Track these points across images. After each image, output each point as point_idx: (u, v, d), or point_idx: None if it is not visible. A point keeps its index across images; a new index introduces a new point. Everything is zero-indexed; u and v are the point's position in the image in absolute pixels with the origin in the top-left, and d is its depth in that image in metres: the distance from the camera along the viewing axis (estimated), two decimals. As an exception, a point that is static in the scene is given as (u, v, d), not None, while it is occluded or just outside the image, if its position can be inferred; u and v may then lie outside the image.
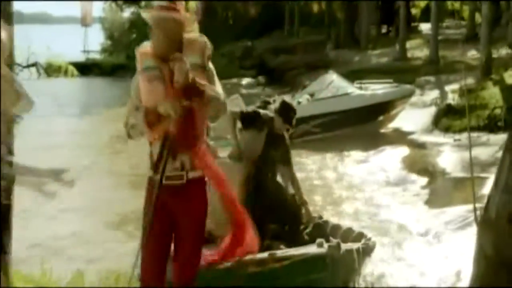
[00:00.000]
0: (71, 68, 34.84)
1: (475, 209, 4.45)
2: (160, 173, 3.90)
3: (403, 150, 14.08)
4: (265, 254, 4.75)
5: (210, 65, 4.05)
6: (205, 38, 4.05)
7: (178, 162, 3.94)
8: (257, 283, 4.62)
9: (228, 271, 4.64)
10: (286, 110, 6.43)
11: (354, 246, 5.18)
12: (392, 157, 13.55)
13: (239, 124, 6.40)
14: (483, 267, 4.00)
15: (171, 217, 4.01)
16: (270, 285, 4.62)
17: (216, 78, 4.06)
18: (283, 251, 4.98)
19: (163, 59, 3.94)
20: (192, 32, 4.11)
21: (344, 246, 4.90)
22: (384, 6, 34.77)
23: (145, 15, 3.98)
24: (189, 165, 3.96)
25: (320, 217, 6.55)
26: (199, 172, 3.98)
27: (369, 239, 5.70)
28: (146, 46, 4.05)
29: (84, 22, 43.50)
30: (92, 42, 42.63)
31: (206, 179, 4.03)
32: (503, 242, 3.86)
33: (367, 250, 5.39)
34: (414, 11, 39.23)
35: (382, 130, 16.80)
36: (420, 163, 12.62)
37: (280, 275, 4.61)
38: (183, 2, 4.02)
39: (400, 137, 15.98)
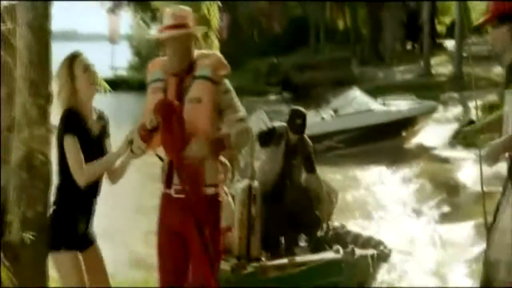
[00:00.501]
0: (103, 83, 35.31)
1: (485, 218, 4.64)
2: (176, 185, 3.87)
3: (426, 164, 14.22)
4: (285, 260, 5.00)
5: (228, 84, 3.96)
6: (219, 55, 4.03)
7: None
8: (277, 287, 4.85)
9: (251, 275, 4.90)
10: (292, 117, 6.58)
11: (369, 252, 5.38)
12: (414, 171, 13.70)
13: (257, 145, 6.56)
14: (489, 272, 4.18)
15: (183, 237, 3.93)
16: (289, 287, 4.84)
17: (236, 100, 3.96)
18: (301, 257, 5.22)
19: (174, 72, 3.92)
20: (213, 48, 4.29)
21: (359, 252, 5.10)
22: (408, 22, 34.90)
23: (156, 34, 4.02)
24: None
25: (343, 226, 6.74)
26: (212, 189, 3.91)
27: (385, 246, 5.89)
28: (158, 59, 4.08)
29: (112, 39, 44.16)
30: (120, 59, 43.21)
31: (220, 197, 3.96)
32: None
33: (382, 256, 5.57)
34: (440, 27, 39.32)
35: (405, 145, 16.94)
36: (442, 178, 12.75)
37: (298, 279, 4.87)
38: (192, 15, 4.01)
39: (423, 152, 16.12)
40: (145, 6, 46.25)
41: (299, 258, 5.22)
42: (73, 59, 4.17)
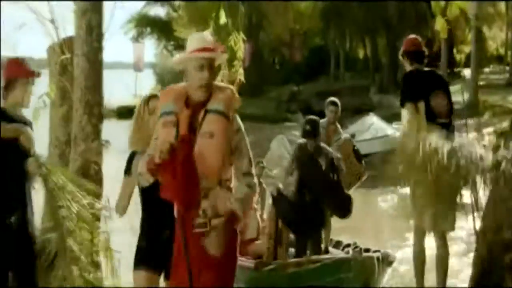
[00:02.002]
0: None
1: (474, 220, 5.36)
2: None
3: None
4: (302, 258, 5.76)
5: (239, 122, 3.81)
6: (233, 89, 3.88)
7: (201, 209, 3.70)
8: (296, 281, 5.60)
9: (273, 271, 5.71)
10: (304, 124, 7.14)
11: (375, 254, 6.06)
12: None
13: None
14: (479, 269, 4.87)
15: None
16: (305, 282, 5.58)
17: (244, 142, 3.81)
18: (316, 256, 5.97)
19: (186, 103, 3.78)
20: (237, 76, 4.71)
21: (366, 253, 5.81)
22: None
23: (182, 56, 3.85)
24: (211, 212, 3.71)
25: (355, 243, 7.30)
26: (223, 219, 3.71)
27: (389, 255, 6.53)
28: (170, 89, 3.93)
29: (137, 67, 45.00)
30: (144, 87, 44.03)
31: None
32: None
33: (386, 259, 6.20)
34: (458, 56, 39.85)
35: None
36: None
37: (313, 275, 5.59)
38: (220, 46, 4.01)
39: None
40: (168, 35, 47.45)
41: (314, 257, 5.93)
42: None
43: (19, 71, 4.67)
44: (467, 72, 34.34)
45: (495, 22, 37.66)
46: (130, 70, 47.37)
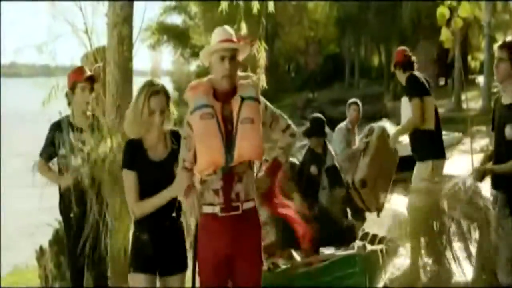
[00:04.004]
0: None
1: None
2: (221, 204, 3.89)
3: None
4: (312, 257, 6.08)
5: (263, 99, 4.00)
6: (253, 75, 4.09)
7: (233, 193, 3.89)
8: (306, 280, 5.92)
9: (285, 271, 5.99)
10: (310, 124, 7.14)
11: (379, 247, 6.39)
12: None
13: None
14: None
15: (227, 259, 3.94)
16: (315, 280, 5.89)
17: (274, 110, 4.06)
18: (325, 254, 6.29)
19: (216, 97, 3.90)
20: (260, 83, 4.95)
21: (370, 247, 6.13)
22: (440, 59, 35.73)
23: (208, 48, 3.92)
24: (244, 195, 3.91)
25: (363, 230, 7.59)
26: (252, 202, 3.97)
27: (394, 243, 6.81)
28: (198, 83, 3.99)
29: (154, 74, 45.19)
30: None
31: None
32: None
33: (390, 251, 6.51)
34: (473, 63, 39.96)
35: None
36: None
37: (322, 272, 5.89)
38: (246, 37, 4.20)
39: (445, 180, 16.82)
40: (184, 42, 47.88)
41: (322, 256, 6.23)
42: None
43: (78, 76, 5.35)
44: (481, 79, 34.54)
45: (510, 29, 37.80)
46: (147, 77, 47.68)
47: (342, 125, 8.52)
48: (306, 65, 44.35)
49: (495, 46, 4.73)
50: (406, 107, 6.54)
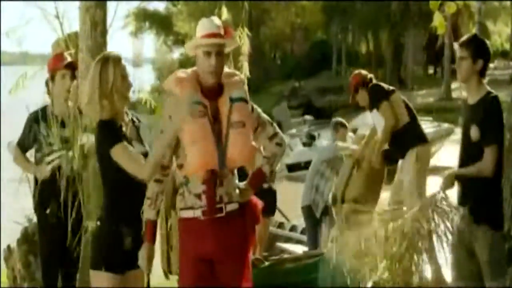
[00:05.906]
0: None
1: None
2: (202, 207, 3.68)
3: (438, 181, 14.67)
4: (300, 253, 5.68)
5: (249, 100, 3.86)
6: (241, 74, 3.96)
7: (217, 196, 3.70)
8: (294, 277, 5.55)
9: (270, 267, 5.66)
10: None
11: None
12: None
13: None
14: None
15: (209, 262, 3.76)
16: (304, 277, 5.53)
17: (261, 114, 3.88)
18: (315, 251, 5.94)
19: (204, 93, 3.70)
20: (243, 71, 4.57)
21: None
22: (429, 47, 35.48)
23: (193, 42, 3.74)
24: (227, 198, 3.72)
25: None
26: (236, 204, 3.76)
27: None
28: (182, 78, 3.76)
29: (136, 62, 45.01)
30: (144, 82, 43.92)
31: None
32: None
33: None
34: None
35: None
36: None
37: (313, 269, 5.50)
38: (230, 30, 4.10)
39: (437, 171, 16.53)
40: (167, 30, 47.36)
41: (313, 252, 6.08)
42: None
43: (57, 63, 5.08)
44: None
45: (500, 16, 37.58)
46: (128, 65, 47.30)
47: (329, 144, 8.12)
48: (292, 52, 44.07)
49: (455, 45, 4.46)
50: (378, 118, 6.47)
